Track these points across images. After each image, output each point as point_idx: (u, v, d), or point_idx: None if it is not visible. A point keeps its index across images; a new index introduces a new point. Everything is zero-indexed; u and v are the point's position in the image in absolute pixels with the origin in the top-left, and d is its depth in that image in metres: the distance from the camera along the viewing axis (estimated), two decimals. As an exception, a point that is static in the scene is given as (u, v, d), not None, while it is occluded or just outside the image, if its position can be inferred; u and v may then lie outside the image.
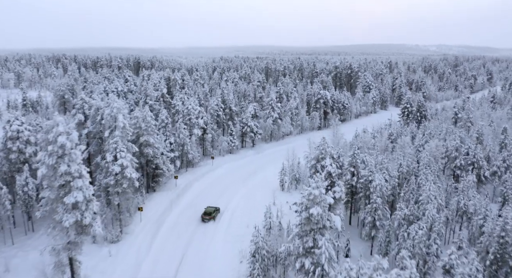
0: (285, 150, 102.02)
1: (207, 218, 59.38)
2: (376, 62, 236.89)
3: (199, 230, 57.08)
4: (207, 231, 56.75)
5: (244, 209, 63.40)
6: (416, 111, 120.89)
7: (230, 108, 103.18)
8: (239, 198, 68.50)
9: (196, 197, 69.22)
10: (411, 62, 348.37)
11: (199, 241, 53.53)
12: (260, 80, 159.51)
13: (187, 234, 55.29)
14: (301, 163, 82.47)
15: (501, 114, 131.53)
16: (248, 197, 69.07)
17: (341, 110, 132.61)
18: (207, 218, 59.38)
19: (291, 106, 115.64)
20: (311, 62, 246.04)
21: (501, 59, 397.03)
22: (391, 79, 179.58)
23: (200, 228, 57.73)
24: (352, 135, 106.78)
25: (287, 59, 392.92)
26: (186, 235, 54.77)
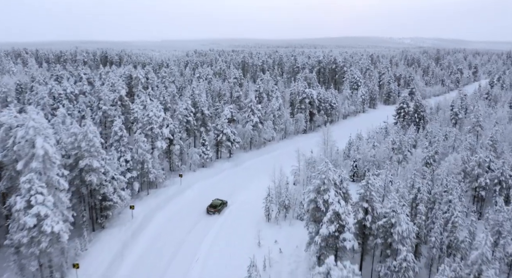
0: (268, 161, 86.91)
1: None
2: (361, 56, 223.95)
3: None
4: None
5: (220, 257, 47.89)
6: (414, 112, 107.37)
7: (202, 112, 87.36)
8: (213, 237, 52.97)
9: (157, 236, 53.48)
10: (391, 55, 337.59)
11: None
12: (237, 76, 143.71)
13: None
14: (289, 182, 67.74)
15: (502, 114, 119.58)
16: (225, 236, 53.65)
17: (328, 111, 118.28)
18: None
19: (273, 107, 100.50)
20: (291, 56, 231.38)
21: (481, 52, 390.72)
22: (377, 75, 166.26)
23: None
24: (344, 141, 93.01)
25: (264, 52, 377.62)
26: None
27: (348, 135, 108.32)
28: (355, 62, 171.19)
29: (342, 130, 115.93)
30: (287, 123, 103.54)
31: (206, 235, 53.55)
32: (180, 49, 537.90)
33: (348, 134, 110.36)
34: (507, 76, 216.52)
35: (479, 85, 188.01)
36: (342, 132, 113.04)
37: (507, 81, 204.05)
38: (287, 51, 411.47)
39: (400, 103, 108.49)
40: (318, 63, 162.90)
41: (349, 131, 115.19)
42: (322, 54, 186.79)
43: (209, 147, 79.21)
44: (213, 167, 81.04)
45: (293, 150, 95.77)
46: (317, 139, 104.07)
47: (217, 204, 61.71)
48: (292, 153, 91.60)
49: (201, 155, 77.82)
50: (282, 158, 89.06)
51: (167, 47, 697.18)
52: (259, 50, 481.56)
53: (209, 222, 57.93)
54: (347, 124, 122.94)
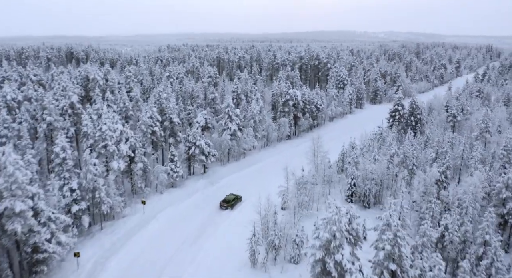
0: (250, 177, 74.73)
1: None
2: (343, 51, 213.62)
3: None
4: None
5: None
6: (410, 115, 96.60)
7: (171, 120, 74.20)
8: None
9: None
10: (369, 50, 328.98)
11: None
12: (212, 74, 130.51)
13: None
14: (276, 206, 55.82)
15: (502, 115, 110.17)
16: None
17: (314, 113, 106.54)
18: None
19: (253, 111, 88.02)
20: (270, 51, 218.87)
21: (460, 46, 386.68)
22: (363, 71, 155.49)
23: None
24: (334, 147, 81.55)
25: (240, 47, 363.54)
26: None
27: (337, 140, 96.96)
28: (340, 58, 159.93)
29: (330, 135, 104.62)
30: (269, 129, 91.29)
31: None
32: (154, 44, 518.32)
33: (337, 139, 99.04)
34: (492, 71, 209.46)
35: (466, 81, 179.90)
36: (330, 137, 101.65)
37: (493, 77, 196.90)
38: (264, 46, 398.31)
39: (395, 105, 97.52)
40: (299, 60, 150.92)
41: (338, 136, 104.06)
42: (304, 49, 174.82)
43: (179, 163, 66.26)
44: (185, 186, 68.17)
45: (277, 160, 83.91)
46: (303, 147, 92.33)
47: (230, 199, 61.63)
48: (277, 165, 79.75)
49: (169, 173, 64.87)
50: (265, 172, 77.00)
51: (140, 42, 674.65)
52: (235, 45, 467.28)
53: (180, 265, 45.26)
54: (335, 128, 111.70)
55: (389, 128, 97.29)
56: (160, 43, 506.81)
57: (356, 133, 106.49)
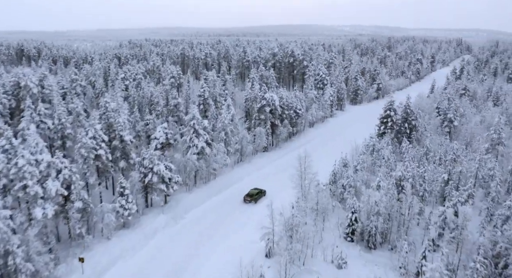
0: (222, 207, 60.61)
1: None
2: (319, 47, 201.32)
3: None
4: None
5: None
6: (403, 121, 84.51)
7: (122, 138, 59.04)
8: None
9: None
10: (338, 44, 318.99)
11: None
12: (175, 75, 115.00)
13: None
14: (261, 261, 42.36)
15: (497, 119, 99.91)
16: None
17: (293, 119, 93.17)
18: None
19: (224, 121, 73.69)
20: (238, 46, 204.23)
21: (429, 40, 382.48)
22: (342, 69, 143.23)
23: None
24: (319, 159, 69.29)
25: (206, 42, 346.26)
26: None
27: (321, 150, 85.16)
28: (317, 55, 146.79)
29: (312, 144, 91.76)
30: (243, 141, 77.20)
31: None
32: (116, 39, 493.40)
33: (321, 149, 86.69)
34: (468, 65, 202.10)
35: (447, 78, 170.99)
36: (313, 147, 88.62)
37: (471, 72, 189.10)
38: (231, 40, 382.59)
39: (386, 109, 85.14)
40: (272, 57, 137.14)
41: (321, 145, 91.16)
42: (277, 45, 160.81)
43: (132, 196, 51.42)
44: (140, 225, 53.34)
45: (254, 181, 70.18)
46: (283, 161, 79.28)
47: (254, 193, 62.47)
48: (252, 186, 66.53)
49: (118, 212, 50.00)
50: (241, 198, 63.00)
51: (102, 37, 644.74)
52: (201, 40, 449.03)
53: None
54: (316, 135, 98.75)
55: (379, 136, 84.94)
56: (122, 38, 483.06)
57: (341, 141, 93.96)
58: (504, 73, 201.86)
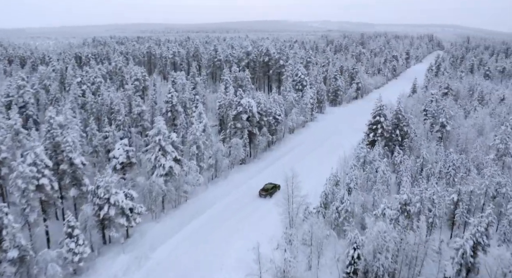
0: (198, 240, 50.83)
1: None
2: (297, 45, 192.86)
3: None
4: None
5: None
6: (394, 128, 76.66)
7: (71, 162, 48.46)
8: None
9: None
10: (309, 40, 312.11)
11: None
12: (139, 77, 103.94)
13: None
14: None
15: (491, 123, 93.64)
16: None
17: (273, 126, 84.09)
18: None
19: (196, 134, 63.85)
20: (207, 43, 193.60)
21: (400, 35, 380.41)
22: (321, 68, 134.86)
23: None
24: (306, 179, 60.86)
25: (174, 39, 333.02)
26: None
27: (303, 161, 76.67)
28: (293, 54, 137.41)
29: (294, 153, 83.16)
30: (218, 155, 67.53)
31: None
32: (81, 36, 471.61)
33: (304, 160, 78.12)
34: (443, 62, 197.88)
35: (426, 76, 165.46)
36: (295, 157, 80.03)
37: (448, 69, 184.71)
38: (200, 37, 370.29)
39: (375, 115, 76.99)
40: (246, 56, 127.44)
41: (304, 155, 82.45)
42: (250, 43, 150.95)
43: (82, 238, 41.18)
44: (95, 271, 43.18)
45: (231, 204, 60.76)
46: (264, 176, 70.07)
47: (269, 187, 62.94)
48: (232, 211, 57.41)
49: (67, 258, 39.78)
50: (219, 228, 53.44)
51: (66, 34, 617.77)
52: (169, 36, 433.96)
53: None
54: (297, 142, 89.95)
55: (369, 145, 76.76)
56: (87, 35, 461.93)
57: (326, 149, 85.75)
58: (479, 70, 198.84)
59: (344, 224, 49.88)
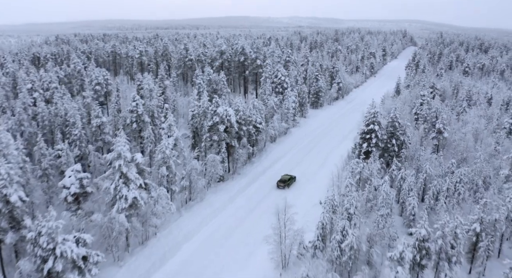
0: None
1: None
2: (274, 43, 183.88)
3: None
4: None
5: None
6: (390, 136, 68.59)
7: (7, 200, 37.90)
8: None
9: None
10: (283, 36, 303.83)
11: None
12: (101, 81, 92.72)
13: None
14: None
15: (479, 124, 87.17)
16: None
17: (253, 136, 74.83)
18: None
19: (165, 152, 53.89)
20: (177, 40, 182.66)
21: (373, 31, 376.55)
22: (301, 68, 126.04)
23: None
24: (294, 199, 52.42)
25: (142, 36, 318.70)
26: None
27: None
28: (271, 53, 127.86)
29: (279, 166, 74.11)
30: (192, 174, 57.73)
31: None
32: (45, 34, 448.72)
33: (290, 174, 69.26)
34: (425, 60, 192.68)
35: (407, 74, 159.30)
36: (281, 171, 71.04)
37: (427, 66, 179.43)
38: (170, 34, 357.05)
39: (369, 122, 68.56)
40: (220, 55, 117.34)
41: (290, 169, 73.49)
42: (224, 41, 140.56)
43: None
44: None
45: (210, 238, 51.23)
46: (247, 197, 61.02)
47: (286, 178, 64.59)
48: (213, 251, 48.07)
49: None
50: (197, 269, 43.91)
51: (30, 32, 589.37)
52: (137, 33, 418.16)
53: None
54: (281, 153, 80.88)
55: (362, 157, 68.45)
56: (53, 33, 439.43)
57: (313, 160, 77.24)
58: (457, 67, 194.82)
59: (349, 263, 41.25)
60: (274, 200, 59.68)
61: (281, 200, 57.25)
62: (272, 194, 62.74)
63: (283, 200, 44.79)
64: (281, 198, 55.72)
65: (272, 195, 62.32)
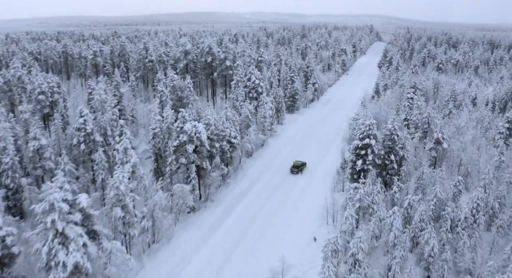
0: None
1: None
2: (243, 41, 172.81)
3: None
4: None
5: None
6: (388, 151, 59.03)
7: None
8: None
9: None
10: (248, 32, 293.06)
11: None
12: (45, 89, 78.94)
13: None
14: None
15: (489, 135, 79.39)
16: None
17: (227, 154, 63.77)
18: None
19: (120, 187, 41.84)
20: (136, 38, 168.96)
21: (340, 26, 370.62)
22: (275, 68, 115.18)
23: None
24: (280, 233, 42.04)
25: (99, 33, 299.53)
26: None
27: (269, 205, 57.25)
28: (241, 53, 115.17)
29: (258, 189, 63.18)
30: (155, 212, 46.12)
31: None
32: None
33: (271, 202, 58.69)
34: (398, 56, 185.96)
35: (383, 73, 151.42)
36: (260, 196, 60.32)
37: (401, 63, 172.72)
38: (129, 31, 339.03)
39: (364, 136, 58.59)
40: (184, 55, 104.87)
41: (272, 192, 63.16)
42: (189, 40, 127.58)
43: None
44: None
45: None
46: (222, 234, 50.09)
47: (299, 164, 67.92)
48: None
49: None
50: None
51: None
52: (94, 31, 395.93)
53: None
54: (259, 170, 69.88)
55: (354, 176, 58.62)
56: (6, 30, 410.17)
57: (296, 181, 66.98)
58: (430, 63, 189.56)
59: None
60: (257, 237, 49.10)
61: (267, 240, 47.12)
62: (254, 225, 51.98)
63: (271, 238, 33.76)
64: (267, 238, 45.24)
65: (254, 227, 51.60)
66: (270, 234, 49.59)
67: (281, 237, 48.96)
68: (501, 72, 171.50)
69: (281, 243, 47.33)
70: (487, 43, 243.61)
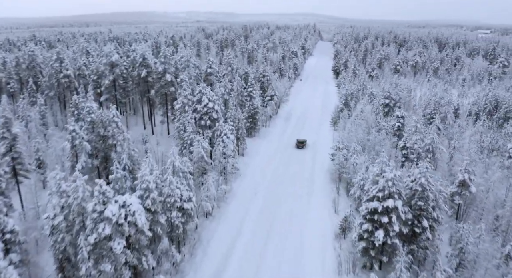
0: None
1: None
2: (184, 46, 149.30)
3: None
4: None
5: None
6: (418, 214, 40.05)
7: None
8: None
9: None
10: (184, 34, 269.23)
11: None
12: None
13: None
14: None
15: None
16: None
17: (178, 228, 42.05)
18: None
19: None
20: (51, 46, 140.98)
21: (281, 26, 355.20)
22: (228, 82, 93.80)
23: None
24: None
25: (16, 38, 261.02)
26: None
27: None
28: (185, 63, 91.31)
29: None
30: None
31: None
32: None
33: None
34: (353, 59, 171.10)
35: (344, 78, 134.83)
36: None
37: (357, 65, 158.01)
38: (52, 33, 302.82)
39: (384, 197, 39.13)
40: (110, 69, 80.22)
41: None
42: (115, 48, 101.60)
43: None
44: None
45: None
46: None
47: (303, 140, 79.46)
48: None
49: None
50: None
51: None
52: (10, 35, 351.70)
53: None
54: (226, 244, 48.26)
55: (371, 255, 39.24)
56: None
57: (277, 255, 46.27)
58: (384, 64, 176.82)
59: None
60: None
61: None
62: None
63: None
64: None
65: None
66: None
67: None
68: (462, 73, 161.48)
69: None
70: (434, 41, 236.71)
